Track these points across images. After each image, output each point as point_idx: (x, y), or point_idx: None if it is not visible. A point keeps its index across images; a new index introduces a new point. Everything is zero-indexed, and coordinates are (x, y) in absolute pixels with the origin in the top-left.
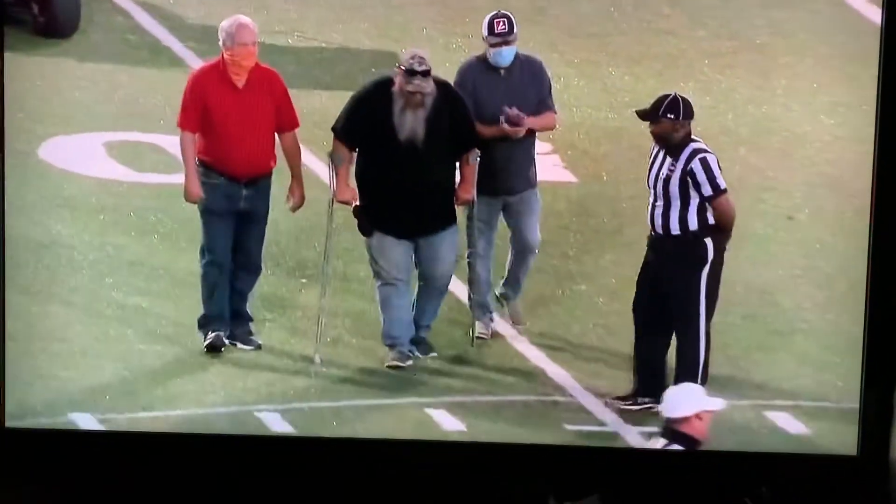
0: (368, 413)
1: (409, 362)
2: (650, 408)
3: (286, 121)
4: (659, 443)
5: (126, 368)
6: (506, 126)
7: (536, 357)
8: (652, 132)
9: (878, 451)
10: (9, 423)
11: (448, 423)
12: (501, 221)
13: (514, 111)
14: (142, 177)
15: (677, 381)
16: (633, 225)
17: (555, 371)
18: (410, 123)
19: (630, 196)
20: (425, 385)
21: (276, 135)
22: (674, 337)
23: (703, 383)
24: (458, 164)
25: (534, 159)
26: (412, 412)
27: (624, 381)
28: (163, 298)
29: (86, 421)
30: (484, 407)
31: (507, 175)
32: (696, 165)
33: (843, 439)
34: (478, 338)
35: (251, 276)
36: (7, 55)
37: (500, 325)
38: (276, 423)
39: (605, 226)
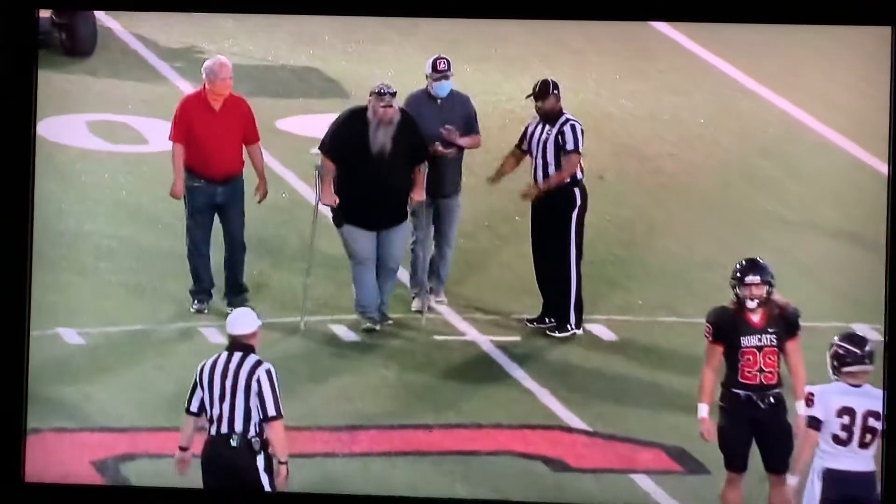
0: (283, 328)
1: (378, 326)
2: (554, 325)
3: (251, 136)
4: (234, 357)
5: (99, 294)
6: (439, 147)
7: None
8: (541, 108)
9: None
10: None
11: (345, 335)
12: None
13: (450, 128)
14: (115, 147)
15: (555, 304)
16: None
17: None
18: (381, 139)
19: (478, 162)
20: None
21: (242, 145)
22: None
23: (576, 308)
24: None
25: (461, 172)
26: (320, 327)
27: (466, 300)
28: (130, 239)
29: (68, 334)
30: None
31: (440, 182)
32: (566, 128)
33: None
34: (416, 311)
35: (239, 253)
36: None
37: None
38: (214, 336)
39: None
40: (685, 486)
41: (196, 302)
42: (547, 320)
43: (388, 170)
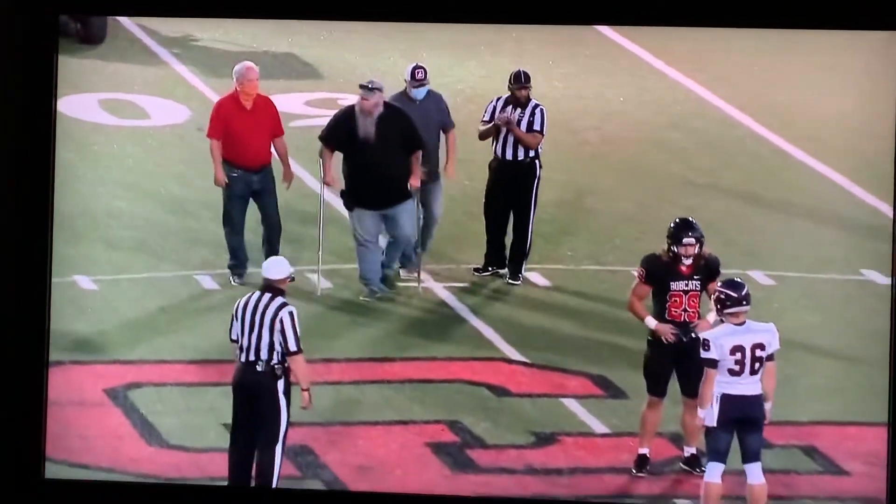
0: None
1: (377, 296)
2: (497, 272)
3: (276, 130)
4: (264, 297)
5: (110, 247)
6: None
7: None
8: (521, 94)
9: None
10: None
11: (323, 284)
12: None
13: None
14: (123, 122)
15: (513, 254)
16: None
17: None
18: (364, 126)
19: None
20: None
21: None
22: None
23: (527, 255)
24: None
25: (438, 160)
26: (299, 278)
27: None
28: (136, 200)
29: (84, 281)
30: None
31: (424, 167)
32: (537, 111)
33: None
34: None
35: (277, 232)
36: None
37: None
38: (208, 282)
39: None
40: (606, 407)
41: (236, 277)
42: (490, 269)
43: (377, 154)
